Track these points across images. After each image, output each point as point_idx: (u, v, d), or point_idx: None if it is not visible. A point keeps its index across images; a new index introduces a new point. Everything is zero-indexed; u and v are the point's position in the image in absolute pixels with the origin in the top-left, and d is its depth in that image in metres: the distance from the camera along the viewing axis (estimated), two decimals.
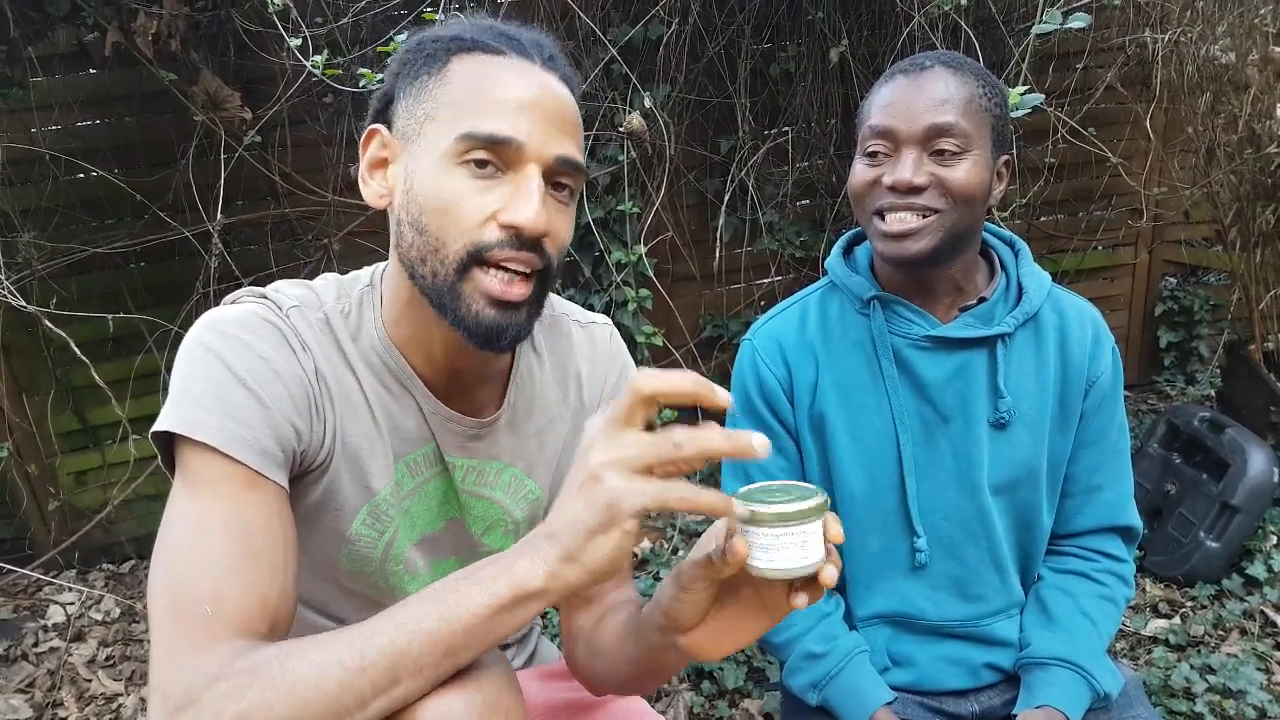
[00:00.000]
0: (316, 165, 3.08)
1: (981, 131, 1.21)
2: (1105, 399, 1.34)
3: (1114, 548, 1.39)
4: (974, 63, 1.26)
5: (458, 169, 0.88)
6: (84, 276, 3.02)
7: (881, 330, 1.32)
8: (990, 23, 2.86)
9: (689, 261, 3.43)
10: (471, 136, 0.87)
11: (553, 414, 1.14)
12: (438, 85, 0.91)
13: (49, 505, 3.17)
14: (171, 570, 0.80)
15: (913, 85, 1.22)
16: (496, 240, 0.87)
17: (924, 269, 1.27)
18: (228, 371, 0.87)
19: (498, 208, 0.88)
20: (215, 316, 0.92)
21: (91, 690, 2.60)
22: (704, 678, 2.43)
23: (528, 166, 0.88)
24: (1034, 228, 3.74)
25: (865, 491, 1.35)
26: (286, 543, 0.87)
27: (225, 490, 0.84)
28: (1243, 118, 2.95)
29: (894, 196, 1.21)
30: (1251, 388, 3.13)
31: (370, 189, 0.97)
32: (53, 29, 2.71)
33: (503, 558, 0.75)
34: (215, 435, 0.84)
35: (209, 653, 0.75)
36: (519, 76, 0.90)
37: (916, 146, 1.20)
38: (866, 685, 1.33)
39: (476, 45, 0.91)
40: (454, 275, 0.88)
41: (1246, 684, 2.19)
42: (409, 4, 2.58)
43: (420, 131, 0.91)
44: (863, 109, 1.30)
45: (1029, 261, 1.36)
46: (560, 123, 0.90)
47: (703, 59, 3.12)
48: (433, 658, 0.73)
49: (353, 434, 0.98)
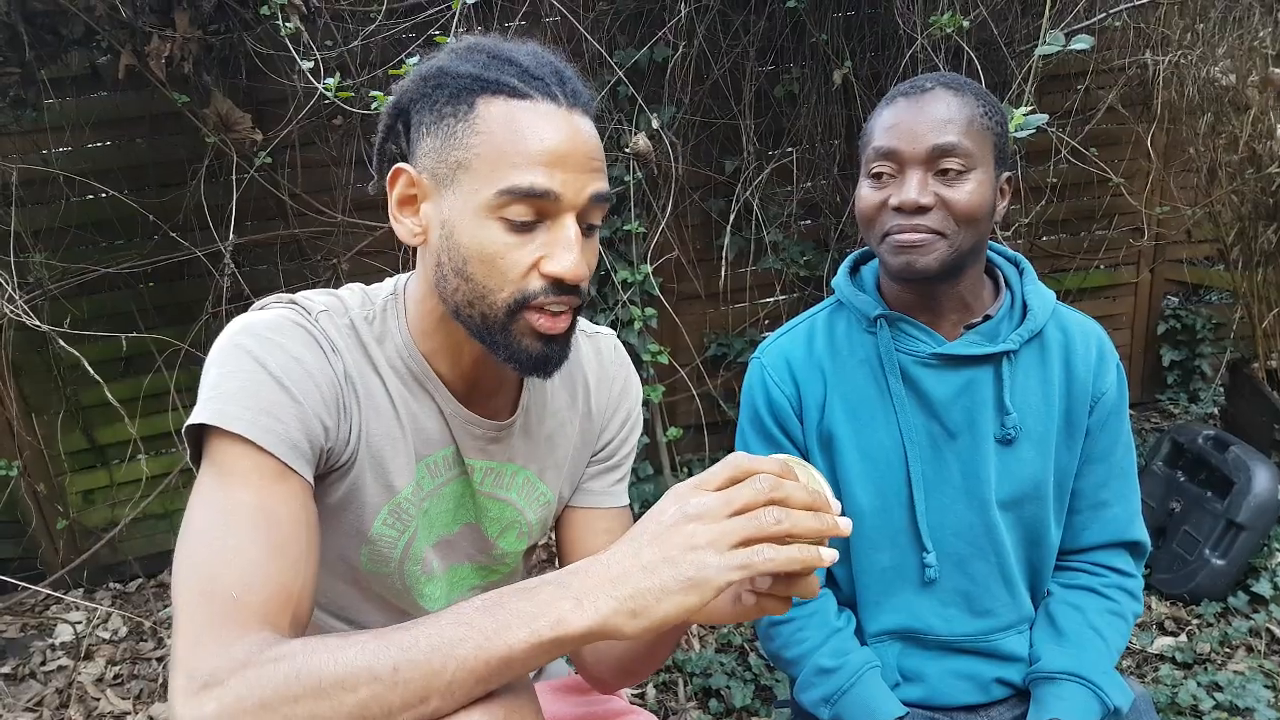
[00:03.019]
0: (326, 186, 3.11)
1: (984, 150, 1.23)
2: (1111, 415, 1.36)
3: (1122, 563, 1.40)
4: (973, 83, 1.29)
5: (498, 222, 0.90)
6: (94, 296, 3.04)
7: (888, 348, 1.34)
8: (993, 44, 2.89)
9: (694, 280, 3.44)
10: (511, 192, 0.89)
11: (562, 419, 1.17)
12: (467, 133, 0.91)
13: (57, 524, 3.18)
14: (199, 555, 0.81)
15: (915, 107, 1.24)
16: (540, 289, 0.91)
17: (932, 285, 1.28)
18: (261, 369, 0.89)
19: (539, 256, 0.91)
20: (248, 320, 0.94)
21: (100, 709, 2.60)
22: (712, 696, 2.43)
23: (565, 217, 0.91)
24: (1036, 247, 3.76)
25: (874, 508, 1.36)
26: (310, 538, 0.88)
27: (255, 481, 0.85)
28: (1243, 138, 2.98)
29: (901, 218, 1.23)
30: (1255, 406, 3.14)
31: (404, 227, 0.99)
32: (66, 52, 2.74)
33: (543, 590, 0.76)
34: (249, 428, 0.86)
35: (236, 639, 0.76)
36: (548, 123, 0.91)
37: (921, 167, 1.22)
38: (878, 700, 1.33)
39: (502, 88, 0.92)
40: (504, 319, 0.93)
41: (1254, 701, 2.19)
42: (418, 28, 2.62)
43: (454, 179, 0.92)
44: (865, 131, 1.32)
45: (1033, 280, 1.38)
46: (590, 164, 0.93)
47: (708, 81, 3.15)
48: (466, 684, 0.74)
49: (377, 434, 1.01)
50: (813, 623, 1.40)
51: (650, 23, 2.96)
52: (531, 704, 0.83)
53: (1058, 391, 1.34)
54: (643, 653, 1.05)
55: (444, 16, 2.45)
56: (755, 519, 0.73)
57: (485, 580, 1.19)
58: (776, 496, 0.75)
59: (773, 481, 0.75)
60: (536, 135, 0.90)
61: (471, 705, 0.76)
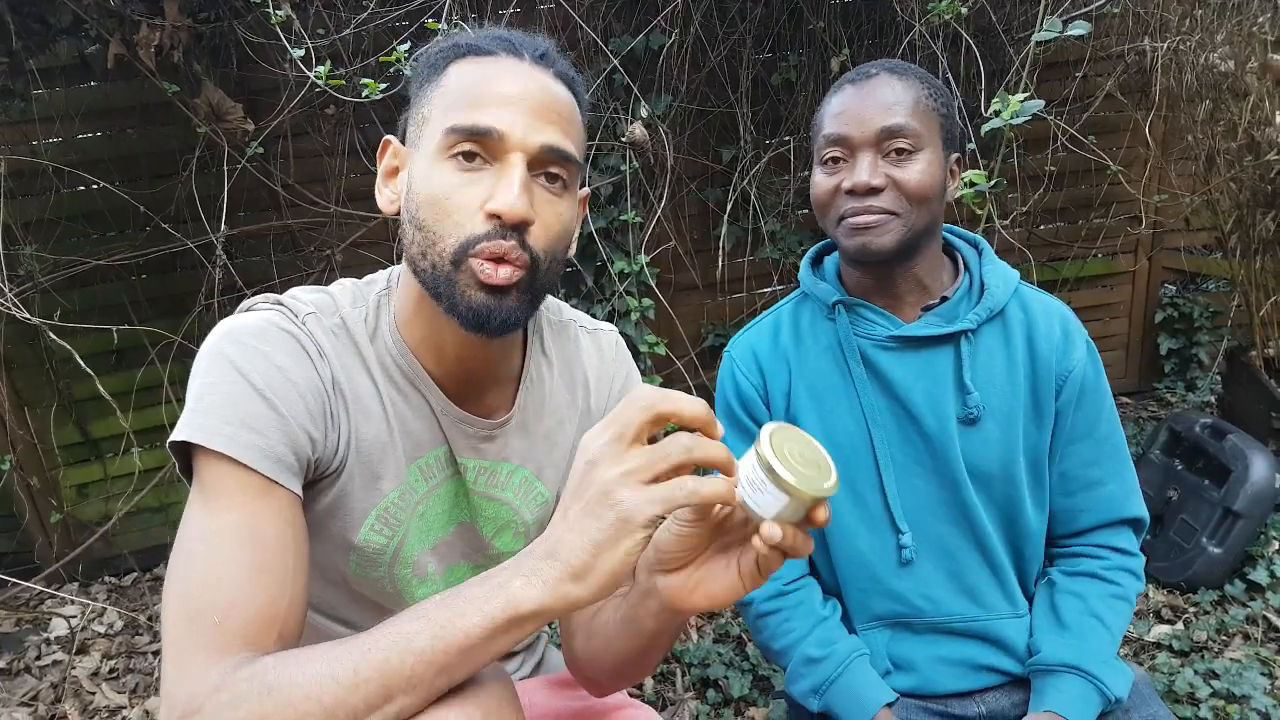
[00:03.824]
0: (319, 176, 3.08)
1: (931, 131, 1.27)
2: (1085, 393, 1.35)
3: (1124, 541, 1.39)
4: (918, 68, 1.33)
5: (447, 163, 0.91)
6: (86, 289, 3.02)
7: (847, 333, 1.37)
8: (990, 31, 2.87)
9: (691, 271, 3.43)
10: (456, 130, 0.90)
11: (562, 416, 1.16)
12: (434, 90, 0.95)
13: (51, 518, 3.17)
14: (183, 581, 0.81)
15: (861, 92, 1.28)
16: (484, 232, 0.89)
17: (889, 267, 1.32)
18: (244, 381, 0.88)
19: (484, 198, 0.90)
20: (232, 325, 0.93)
21: (95, 703, 2.59)
22: (709, 686, 2.43)
23: (511, 156, 0.90)
24: (1034, 235, 3.75)
25: (847, 492, 1.38)
26: (298, 551, 0.87)
27: (239, 499, 0.85)
28: (1242, 125, 2.96)
29: (854, 200, 1.27)
30: (1252, 394, 3.14)
31: (384, 197, 1.01)
32: (55, 41, 2.71)
33: (498, 574, 0.75)
34: (230, 444, 0.85)
35: (214, 664, 0.76)
36: (507, 72, 0.93)
37: (871, 149, 1.26)
38: (866, 687, 1.33)
39: (471, 49, 0.95)
40: (450, 266, 0.90)
41: (1250, 689, 2.19)
42: (411, 15, 2.59)
43: (420, 135, 0.95)
44: (816, 120, 1.36)
45: (992, 259, 1.40)
46: (546, 113, 0.92)
47: (704, 69, 3.13)
48: (426, 676, 0.73)
49: (367, 438, 0.99)
50: (798, 613, 1.41)
51: (646, 10, 2.94)
52: (510, 700, 0.82)
53: (1022, 371, 1.34)
54: (635, 653, 1.01)
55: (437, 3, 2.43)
56: (665, 452, 0.70)
57: None
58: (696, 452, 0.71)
59: (691, 440, 0.71)
60: (489, 80, 0.92)
61: (448, 704, 0.76)
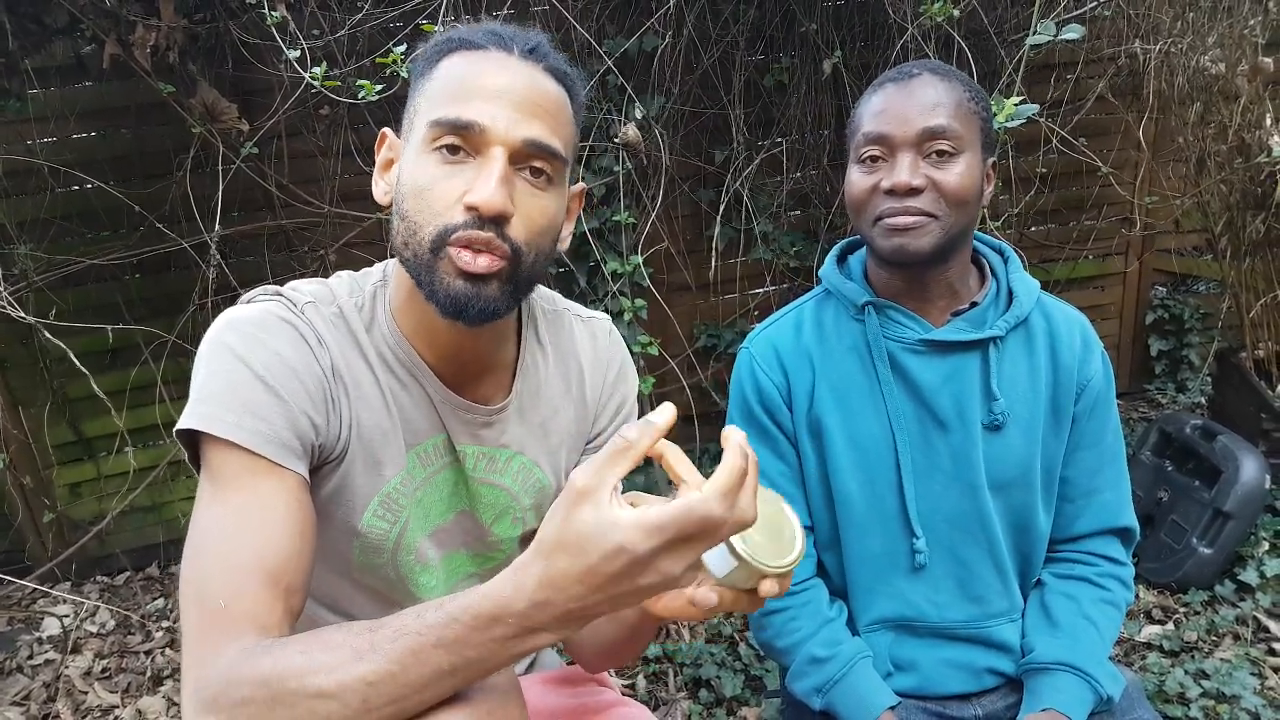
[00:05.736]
0: (313, 176, 3.08)
1: (971, 133, 1.25)
2: (1098, 403, 1.36)
3: (1115, 551, 1.41)
4: (957, 70, 1.31)
5: (431, 155, 0.92)
6: (80, 288, 3.02)
7: (876, 334, 1.34)
8: (983, 34, 2.88)
9: (684, 271, 3.44)
10: (439, 123, 0.91)
11: (557, 404, 1.17)
12: (425, 83, 0.96)
13: (44, 517, 3.17)
14: (193, 567, 0.84)
15: (904, 91, 1.25)
16: (462, 222, 0.90)
17: (923, 270, 1.29)
18: (246, 369, 0.90)
19: (464, 190, 0.91)
20: (233, 316, 0.95)
21: (88, 703, 2.59)
22: (702, 686, 2.43)
23: (493, 150, 0.91)
24: (1025, 237, 3.76)
25: (864, 494, 1.37)
26: (304, 530, 0.89)
27: (245, 483, 0.87)
28: (1233, 127, 2.98)
29: (893, 201, 1.24)
30: (1242, 395, 3.15)
31: (379, 188, 1.03)
32: (50, 41, 2.71)
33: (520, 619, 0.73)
34: (234, 430, 0.87)
35: (223, 649, 0.78)
36: (494, 66, 0.94)
37: (911, 150, 1.23)
38: (870, 690, 1.34)
39: (463, 44, 0.96)
40: (430, 255, 0.92)
41: (1240, 689, 2.20)
42: (405, 16, 2.59)
43: (410, 128, 0.97)
44: (854, 118, 1.33)
45: (1019, 268, 1.39)
46: (530, 107, 0.93)
47: (697, 70, 3.13)
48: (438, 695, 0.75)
49: (367, 424, 1.01)
50: (805, 612, 1.41)
51: (639, 11, 2.94)
52: (515, 698, 0.83)
53: (1044, 379, 1.34)
54: (620, 640, 1.05)
55: (432, 5, 2.43)
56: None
57: (482, 568, 1.19)
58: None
59: None
60: (475, 74, 0.93)
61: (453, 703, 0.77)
